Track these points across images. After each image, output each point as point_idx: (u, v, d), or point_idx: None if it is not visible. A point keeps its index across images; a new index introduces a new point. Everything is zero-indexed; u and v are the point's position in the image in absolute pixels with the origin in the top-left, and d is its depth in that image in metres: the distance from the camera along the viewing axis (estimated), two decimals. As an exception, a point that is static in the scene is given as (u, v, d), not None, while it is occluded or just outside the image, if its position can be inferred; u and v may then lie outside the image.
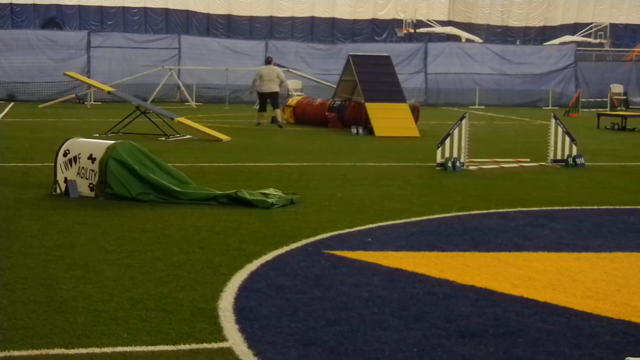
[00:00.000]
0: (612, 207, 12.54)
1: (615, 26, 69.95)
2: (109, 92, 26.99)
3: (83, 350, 5.68)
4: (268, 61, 29.68)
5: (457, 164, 16.51)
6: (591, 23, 68.87)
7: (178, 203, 11.75)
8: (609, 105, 44.81)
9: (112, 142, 12.43)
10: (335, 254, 8.78)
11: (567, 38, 63.85)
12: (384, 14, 69.94)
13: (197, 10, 66.46)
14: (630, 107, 47.39)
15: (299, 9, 68.39)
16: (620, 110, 43.29)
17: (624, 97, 48.17)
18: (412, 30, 66.35)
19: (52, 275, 7.69)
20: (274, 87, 28.57)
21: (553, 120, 17.90)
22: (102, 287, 7.29)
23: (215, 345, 5.87)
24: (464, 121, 16.79)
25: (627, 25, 71.16)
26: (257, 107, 30.12)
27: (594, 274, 8.07)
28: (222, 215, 10.99)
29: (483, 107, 45.60)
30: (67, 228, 9.95)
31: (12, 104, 39.15)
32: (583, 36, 66.46)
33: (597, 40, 66.12)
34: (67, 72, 31.50)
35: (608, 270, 8.27)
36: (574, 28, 69.70)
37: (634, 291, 7.45)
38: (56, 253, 8.61)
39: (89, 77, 39.45)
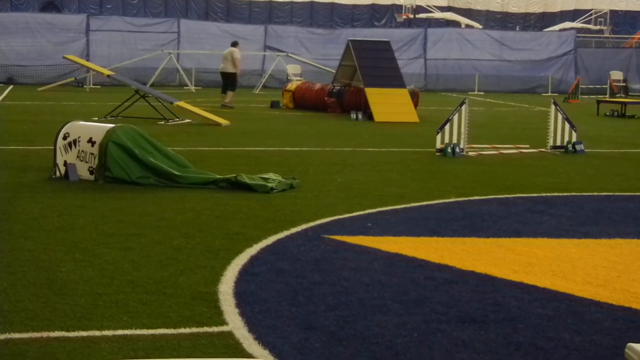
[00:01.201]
0: (611, 193, 12.55)
1: (615, 13, 69.80)
2: (108, 76, 26.94)
3: (83, 333, 5.68)
4: (233, 44, 30.72)
5: (457, 149, 16.50)
6: (591, 9, 68.73)
7: (178, 187, 11.75)
8: (608, 92, 44.81)
9: (112, 125, 12.42)
10: (335, 238, 8.78)
11: (567, 24, 63.73)
12: (383, -1, 69.78)
13: (197, -6, 66.29)
14: (630, 94, 47.41)
15: (298, -6, 68.25)
16: (620, 97, 43.32)
17: (624, 84, 48.18)
18: (411, 16, 66.19)
19: (52, 258, 7.69)
20: (227, 67, 29.89)
21: (553, 107, 17.89)
22: (102, 270, 7.29)
23: (215, 329, 5.87)
24: (463, 107, 16.78)
25: (627, 12, 70.99)
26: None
27: (594, 261, 8.07)
28: (221, 199, 10.99)
29: (482, 93, 45.57)
30: (66, 211, 9.94)
31: (11, 87, 39.09)
32: (583, 23, 66.35)
33: (597, 27, 66.02)
34: (66, 56, 31.45)
35: (608, 256, 8.27)
36: (573, 14, 69.56)
37: (634, 277, 7.46)
38: (56, 236, 8.61)
39: (88, 60, 39.37)
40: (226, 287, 6.85)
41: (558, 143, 17.79)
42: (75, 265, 7.46)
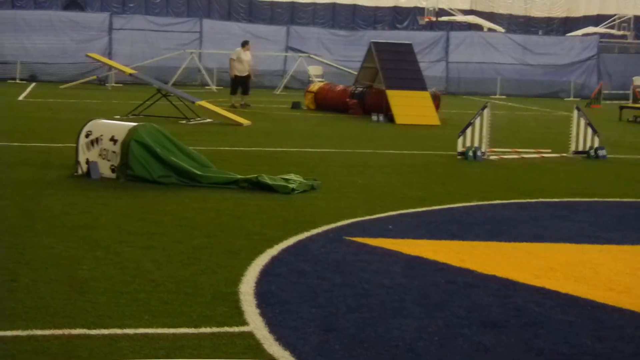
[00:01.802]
0: (634, 199, 12.50)
1: (639, 18, 69.46)
2: (130, 74, 27.00)
3: (105, 331, 5.70)
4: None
5: (478, 153, 16.46)
6: (615, 14, 68.38)
7: (199, 186, 11.77)
8: (631, 98, 44.54)
9: (134, 124, 12.44)
10: (356, 240, 8.77)
11: (590, 29, 63.43)
12: (405, 1, 69.68)
13: (219, -6, 66.39)
14: (653, 100, 47.12)
15: (320, -5, 68.23)
16: (643, 103, 43.05)
17: (646, 90, 47.88)
18: (434, 19, 66.05)
19: (74, 256, 7.71)
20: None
21: (575, 112, 17.82)
22: (124, 269, 7.31)
23: (236, 329, 5.87)
24: (485, 111, 16.73)
25: (651, 18, 70.66)
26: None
27: (616, 267, 8.03)
28: (242, 199, 10.99)
29: (504, 97, 45.41)
30: (88, 209, 9.97)
31: (34, 84, 39.26)
32: (606, 27, 66.01)
33: (621, 32, 65.67)
34: (89, 54, 31.57)
35: (630, 263, 8.24)
36: (597, 19, 69.24)
37: (657, 285, 7.41)
38: (78, 233, 8.63)
39: (110, 59, 39.47)
40: (247, 288, 6.85)
41: (580, 148, 17.71)
42: (97, 263, 7.48)
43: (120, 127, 12.52)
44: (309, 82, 36.60)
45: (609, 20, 66.93)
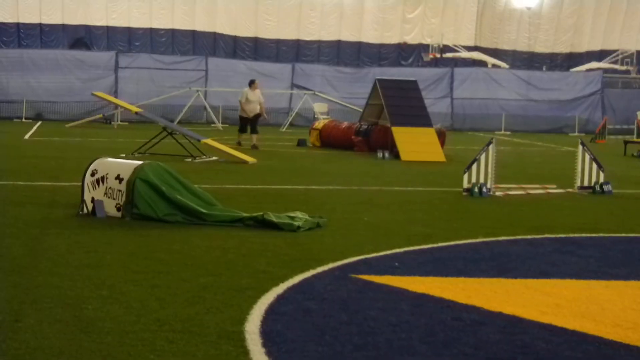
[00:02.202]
0: (640, 235, 12.46)
1: (642, 53, 69.64)
2: (136, 113, 27.11)
3: (110, 371, 5.67)
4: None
5: (484, 189, 16.44)
6: (617, 50, 68.61)
7: (204, 224, 11.76)
8: (635, 133, 44.58)
9: (140, 162, 12.47)
10: (363, 278, 8.75)
11: (594, 64, 63.63)
12: (410, 38, 69.97)
13: (224, 33, 66.69)
14: (657, 134, 47.12)
15: (325, 33, 68.49)
16: (647, 137, 43.05)
17: (651, 125, 47.91)
18: (438, 55, 66.31)
19: (79, 295, 7.70)
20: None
21: (580, 147, 17.82)
22: (129, 308, 7.29)
23: (242, 368, 5.85)
24: (490, 147, 16.74)
25: (654, 53, 70.84)
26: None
27: (623, 303, 7.99)
28: (248, 237, 10.98)
29: (509, 132, 45.51)
30: (93, 248, 9.96)
31: (39, 123, 39.44)
32: (609, 63, 66.22)
33: (624, 67, 65.85)
34: (95, 92, 31.78)
35: (637, 298, 8.19)
36: (600, 55, 69.46)
37: (664, 321, 7.37)
38: (83, 272, 8.62)
39: (116, 97, 39.68)
40: (252, 326, 6.82)
41: (586, 183, 17.69)
42: (102, 302, 7.46)
43: (125, 165, 12.53)
44: (315, 120, 36.72)
45: (612, 56, 67.12)
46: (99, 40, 64.07)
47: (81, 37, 63.88)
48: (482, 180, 16.56)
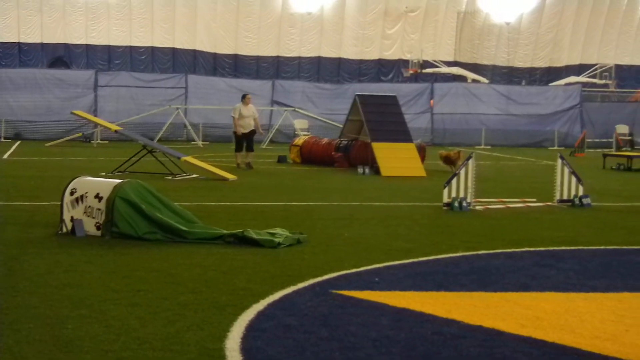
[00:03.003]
0: (619, 247, 12.52)
1: (620, 67, 70.13)
2: (116, 131, 27.06)
3: (89, 390, 5.65)
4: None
5: (464, 203, 16.49)
6: (596, 64, 69.08)
7: (185, 242, 11.74)
8: (614, 146, 44.81)
9: (119, 181, 12.45)
10: (343, 293, 8.75)
11: (573, 79, 64.03)
12: (390, 54, 70.24)
13: (204, 50, 66.80)
14: (636, 147, 47.40)
15: (305, 49, 68.71)
16: (626, 150, 43.31)
17: (630, 138, 48.22)
18: (418, 71, 66.58)
19: (58, 315, 7.67)
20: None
21: (559, 160, 17.90)
22: (109, 327, 7.27)
23: (222, 385, 5.84)
24: (470, 161, 16.79)
25: (632, 67, 71.35)
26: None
27: (602, 315, 8.03)
28: (228, 254, 10.97)
29: (489, 147, 45.64)
30: (73, 267, 9.93)
31: (18, 142, 39.29)
32: (588, 77, 66.63)
33: (602, 81, 66.27)
34: (74, 111, 31.66)
35: (616, 310, 8.23)
36: (579, 69, 69.93)
37: (643, 332, 7.41)
38: (62, 292, 8.59)
39: (96, 116, 39.58)
40: (233, 344, 6.81)
41: (565, 197, 17.77)
42: (81, 321, 7.43)
43: (105, 184, 12.51)
44: (295, 136, 36.74)
45: (590, 70, 67.57)
46: (78, 59, 64.06)
47: (60, 56, 63.87)
48: (462, 194, 16.61)
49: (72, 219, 12.27)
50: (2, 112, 42.67)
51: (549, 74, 70.87)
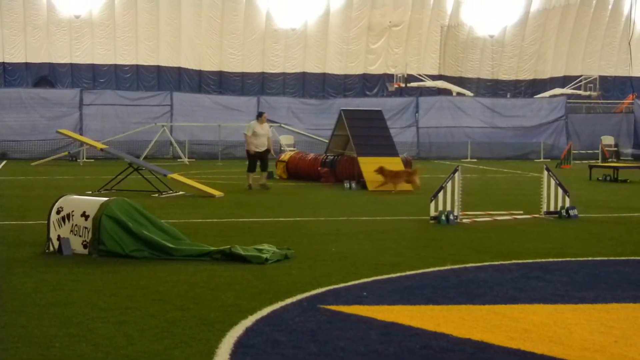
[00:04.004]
0: (606, 258, 12.54)
1: (604, 78, 70.40)
2: (101, 150, 27.00)
3: (78, 410, 5.62)
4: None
5: (451, 217, 16.51)
6: (580, 76, 69.32)
7: (172, 259, 11.72)
8: (600, 157, 44.99)
9: (105, 199, 12.42)
10: (331, 308, 8.74)
11: (557, 91, 64.20)
12: (374, 68, 70.35)
13: (189, 67, 66.75)
14: (622, 158, 47.60)
15: (290, 65, 68.73)
16: (612, 161, 43.49)
17: (615, 149, 48.43)
18: (403, 85, 66.68)
19: (46, 334, 7.63)
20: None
21: (545, 172, 17.94)
22: (97, 345, 7.24)
23: (211, 402, 5.81)
24: (456, 174, 16.82)
25: (616, 78, 71.62)
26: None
27: (591, 326, 8.04)
28: (216, 271, 10.95)
29: (475, 160, 45.72)
30: (60, 286, 9.89)
31: (4, 162, 39.15)
32: (573, 88, 66.86)
33: (587, 93, 66.50)
34: (59, 130, 31.54)
35: (604, 321, 8.24)
36: (563, 81, 70.12)
37: (631, 342, 7.42)
38: (50, 311, 8.55)
39: (81, 134, 39.53)
40: (221, 360, 6.80)
41: (552, 209, 17.80)
42: (70, 340, 7.40)
43: (91, 202, 12.48)
44: (281, 152, 36.72)
45: (575, 82, 67.80)
46: (63, 78, 63.92)
47: (45, 75, 63.71)
48: (449, 207, 16.63)
49: (59, 238, 12.23)
50: (-13, 132, 42.62)
51: (534, 86, 71.09)
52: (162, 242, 11.96)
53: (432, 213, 16.65)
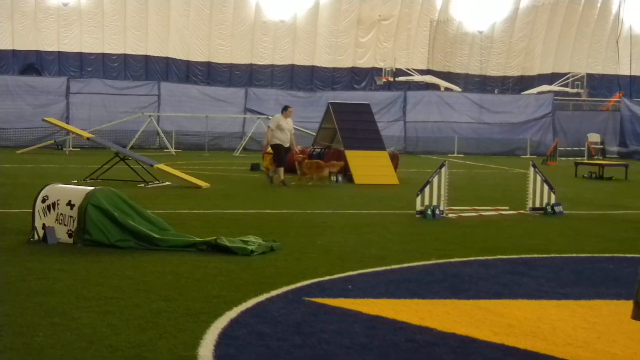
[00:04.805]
0: (590, 254, 12.57)
1: (591, 76, 70.66)
2: (88, 139, 26.94)
3: (61, 398, 5.61)
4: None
5: (437, 211, 16.53)
6: (568, 73, 69.53)
7: (157, 250, 11.69)
8: (586, 154, 45.12)
9: (91, 188, 12.38)
10: (316, 301, 8.74)
11: (545, 87, 64.40)
12: (363, 62, 70.40)
13: (177, 57, 66.71)
14: (607, 156, 47.76)
15: (278, 57, 68.75)
16: (598, 159, 43.60)
17: (601, 146, 48.57)
18: (391, 79, 66.76)
19: (30, 323, 7.61)
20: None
21: (532, 169, 17.98)
22: (81, 335, 7.22)
23: (194, 393, 5.81)
24: (443, 169, 16.84)
25: (603, 76, 71.88)
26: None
27: (574, 322, 8.06)
28: (201, 262, 10.94)
29: (462, 155, 45.81)
30: (45, 275, 9.87)
31: (-10, 149, 39.05)
32: (560, 86, 67.04)
33: (574, 90, 66.70)
34: (46, 118, 31.48)
35: (588, 317, 8.27)
36: (551, 78, 70.35)
37: (614, 339, 7.45)
38: (34, 300, 8.53)
39: (68, 123, 39.43)
40: (206, 351, 6.79)
41: (537, 205, 17.85)
42: (53, 329, 7.38)
43: (77, 191, 12.44)
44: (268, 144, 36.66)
45: (562, 79, 68.02)
46: (50, 66, 63.77)
47: (32, 63, 63.56)
48: (435, 202, 16.66)
49: (43, 227, 12.20)
50: (-27, 119, 42.47)
51: (522, 83, 71.30)
52: (148, 232, 11.94)
53: (418, 207, 16.67)
